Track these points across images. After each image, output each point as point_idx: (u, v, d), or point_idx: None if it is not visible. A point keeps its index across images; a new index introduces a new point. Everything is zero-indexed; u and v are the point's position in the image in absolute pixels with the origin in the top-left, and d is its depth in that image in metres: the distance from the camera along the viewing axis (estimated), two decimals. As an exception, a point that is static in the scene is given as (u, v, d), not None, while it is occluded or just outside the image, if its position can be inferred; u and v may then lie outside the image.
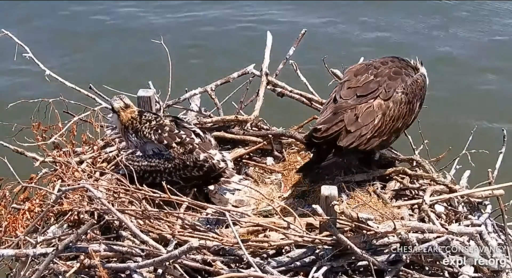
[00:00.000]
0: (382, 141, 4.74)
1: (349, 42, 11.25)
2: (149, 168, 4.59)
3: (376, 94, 4.69)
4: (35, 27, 11.66)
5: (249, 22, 12.20)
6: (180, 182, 4.57)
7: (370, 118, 4.61)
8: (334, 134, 4.55)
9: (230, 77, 5.78)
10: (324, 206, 4.01)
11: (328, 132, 4.54)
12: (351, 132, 4.55)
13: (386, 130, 4.69)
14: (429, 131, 5.69)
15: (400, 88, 4.74)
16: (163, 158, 4.59)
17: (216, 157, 4.64)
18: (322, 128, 4.54)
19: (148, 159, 4.61)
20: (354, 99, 4.68)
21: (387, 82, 4.75)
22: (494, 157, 5.21)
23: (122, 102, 4.66)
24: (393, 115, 4.69)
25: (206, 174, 4.61)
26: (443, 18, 12.35)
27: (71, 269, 3.93)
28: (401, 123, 4.79)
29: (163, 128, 4.63)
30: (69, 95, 5.61)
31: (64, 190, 4.19)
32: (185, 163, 4.57)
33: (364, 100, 4.66)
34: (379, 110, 4.65)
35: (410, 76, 4.87)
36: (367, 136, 4.59)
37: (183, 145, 4.60)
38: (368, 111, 4.63)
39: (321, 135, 4.54)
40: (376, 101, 4.67)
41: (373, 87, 4.72)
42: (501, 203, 4.66)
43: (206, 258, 4.02)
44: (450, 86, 9.74)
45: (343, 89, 4.77)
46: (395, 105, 4.70)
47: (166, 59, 5.84)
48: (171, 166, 4.57)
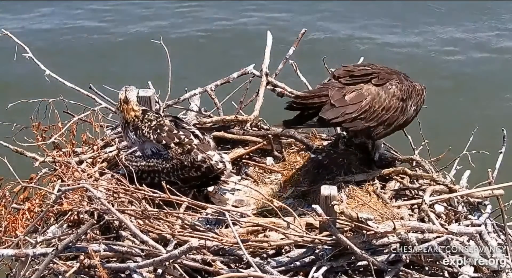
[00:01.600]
0: (369, 127, 4.67)
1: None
2: (147, 168, 4.58)
3: (369, 79, 4.69)
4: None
5: (249, 21, 12.21)
6: (178, 182, 4.56)
7: (358, 99, 4.60)
8: (316, 104, 4.52)
9: (230, 77, 5.78)
10: (324, 206, 4.01)
11: (308, 100, 4.54)
12: (335, 106, 4.52)
13: (373, 116, 4.65)
14: (429, 131, 5.70)
15: (394, 82, 4.74)
16: (161, 158, 4.58)
17: (214, 158, 4.64)
18: (303, 95, 4.55)
19: (146, 159, 4.61)
20: (346, 80, 4.67)
21: (383, 74, 4.76)
22: (494, 157, 5.22)
23: (124, 94, 4.62)
24: (383, 104, 4.66)
25: (204, 175, 4.61)
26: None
27: (71, 269, 3.92)
28: (390, 116, 4.72)
29: (162, 128, 4.62)
30: (69, 95, 5.61)
31: (64, 190, 4.19)
32: (183, 163, 4.56)
33: (356, 82, 4.66)
34: (368, 94, 4.63)
35: (408, 79, 4.89)
36: (352, 115, 4.56)
37: (181, 145, 4.59)
38: (357, 92, 4.62)
39: (301, 102, 4.53)
40: (367, 86, 4.66)
41: (367, 73, 4.72)
42: (501, 203, 4.66)
43: (206, 258, 4.02)
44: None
45: (339, 70, 4.78)
46: (386, 95, 4.67)
47: (166, 59, 5.85)
48: (169, 166, 4.57)
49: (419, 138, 5.55)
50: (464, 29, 12.16)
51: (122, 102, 4.62)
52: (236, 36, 11.75)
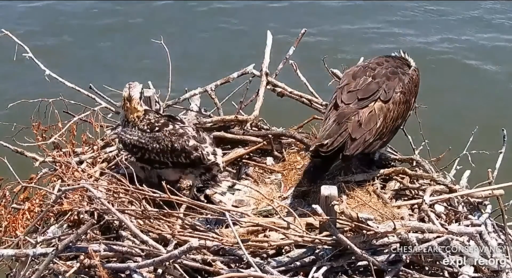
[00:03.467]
0: (383, 142, 4.83)
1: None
2: (139, 144, 4.58)
3: (377, 96, 4.75)
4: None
5: (249, 21, 12.20)
6: (169, 163, 4.56)
7: (373, 122, 4.68)
8: (340, 145, 4.58)
9: (230, 77, 5.78)
10: (324, 206, 4.01)
11: (334, 145, 4.57)
12: (356, 139, 4.60)
13: (387, 131, 4.77)
14: (430, 131, 5.70)
15: (398, 88, 4.81)
16: (154, 137, 4.57)
17: (206, 149, 4.62)
18: (328, 143, 4.55)
19: (139, 134, 4.60)
20: (355, 103, 4.73)
21: (386, 82, 4.81)
22: (494, 157, 5.22)
23: (128, 92, 4.62)
24: (393, 116, 4.77)
25: (194, 163, 4.58)
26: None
27: (71, 269, 3.93)
28: (400, 121, 4.91)
29: (158, 123, 4.64)
30: (69, 95, 5.61)
31: (64, 190, 4.19)
32: (173, 145, 4.54)
33: (366, 104, 4.72)
34: (380, 113, 4.71)
35: (406, 74, 4.94)
36: (370, 140, 4.65)
37: (174, 130, 4.60)
38: (370, 115, 4.68)
39: (328, 150, 4.56)
40: (377, 104, 4.73)
41: (373, 89, 4.77)
42: (501, 203, 4.66)
43: (206, 258, 4.02)
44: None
45: (344, 94, 4.81)
46: (394, 106, 4.77)
47: (166, 58, 5.85)
48: (159, 147, 4.56)
49: (419, 138, 5.55)
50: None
51: (126, 100, 4.62)
52: (237, 35, 11.74)
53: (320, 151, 4.56)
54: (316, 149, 4.58)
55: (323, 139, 4.58)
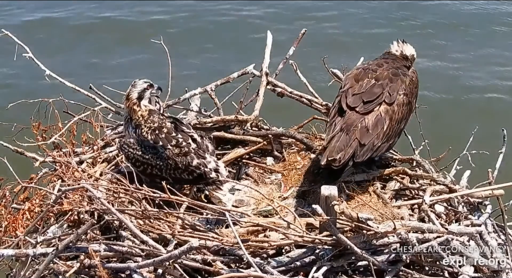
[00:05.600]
0: (389, 145, 4.84)
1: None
2: (142, 159, 4.60)
3: (382, 99, 4.75)
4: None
5: (250, 21, 12.20)
6: (169, 179, 4.57)
7: (380, 126, 4.68)
8: (351, 155, 4.56)
9: (230, 77, 5.78)
10: (324, 206, 4.01)
11: (346, 158, 4.54)
12: (365, 145, 4.60)
13: (392, 134, 4.78)
14: (430, 131, 5.70)
15: (401, 90, 4.82)
16: (157, 155, 4.59)
17: (209, 165, 4.64)
18: (340, 157, 4.52)
19: (143, 149, 4.62)
20: (361, 106, 4.73)
21: (389, 84, 4.82)
22: (494, 157, 5.21)
23: (128, 91, 4.65)
24: (398, 118, 4.79)
25: (196, 179, 4.64)
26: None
27: (71, 269, 3.92)
28: (404, 123, 4.91)
29: (161, 130, 4.63)
30: (69, 95, 5.61)
31: (64, 190, 4.19)
32: (177, 165, 4.58)
33: (372, 107, 4.72)
34: (386, 116, 4.72)
35: (407, 75, 4.94)
36: (378, 144, 4.67)
37: (178, 147, 4.60)
38: (377, 119, 4.69)
39: (340, 163, 4.53)
40: (382, 107, 4.73)
41: (377, 92, 4.78)
42: (501, 203, 4.66)
43: (206, 258, 4.02)
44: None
45: (349, 97, 4.79)
46: (399, 108, 4.78)
47: (166, 58, 5.85)
48: (162, 164, 4.59)
49: (419, 138, 5.55)
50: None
51: (125, 98, 4.67)
52: (237, 35, 11.74)
53: (333, 165, 4.53)
54: (328, 164, 4.54)
55: (334, 152, 4.52)
